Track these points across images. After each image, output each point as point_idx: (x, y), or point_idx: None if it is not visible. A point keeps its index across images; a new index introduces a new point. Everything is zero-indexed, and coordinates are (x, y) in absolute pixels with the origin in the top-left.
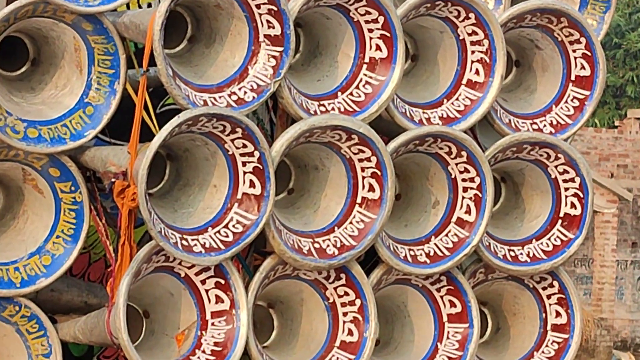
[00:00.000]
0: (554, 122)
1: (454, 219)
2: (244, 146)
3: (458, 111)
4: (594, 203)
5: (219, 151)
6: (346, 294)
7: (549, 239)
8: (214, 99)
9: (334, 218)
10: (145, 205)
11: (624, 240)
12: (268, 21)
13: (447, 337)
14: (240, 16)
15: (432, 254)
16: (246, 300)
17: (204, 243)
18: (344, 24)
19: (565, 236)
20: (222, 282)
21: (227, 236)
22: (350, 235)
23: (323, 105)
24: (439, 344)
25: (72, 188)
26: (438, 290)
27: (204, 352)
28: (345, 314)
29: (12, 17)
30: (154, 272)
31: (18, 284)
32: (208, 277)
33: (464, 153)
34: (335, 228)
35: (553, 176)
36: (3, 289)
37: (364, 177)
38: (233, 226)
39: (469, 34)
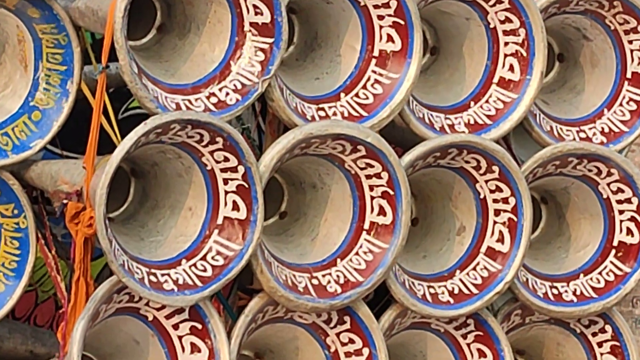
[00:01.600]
0: (606, 130)
1: (483, 249)
2: (226, 160)
3: (488, 116)
4: None
5: (194, 166)
6: (351, 341)
7: (600, 273)
8: (189, 101)
9: (336, 248)
10: (104, 233)
11: None
12: (255, 6)
13: None
14: (221, 0)
15: (456, 291)
16: (229, 349)
17: (177, 279)
18: (349, 10)
19: (620, 270)
20: (199, 327)
21: (205, 270)
22: (356, 269)
23: (323, 109)
24: None
25: (15, 211)
26: (464, 336)
27: None
28: None
29: None
30: (116, 315)
31: None
32: (182, 321)
33: (495, 168)
34: (338, 260)
35: (605, 196)
36: None
37: (372, 198)
38: (212, 258)
39: (502, 22)
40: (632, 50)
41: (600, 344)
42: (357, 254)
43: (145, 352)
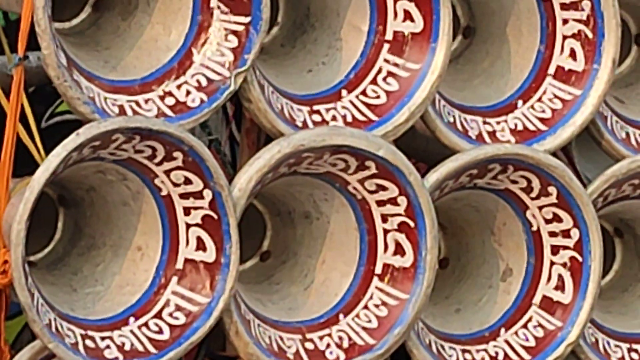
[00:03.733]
0: None
1: (537, 300)
2: (187, 182)
3: (542, 120)
4: None
5: (145, 190)
6: None
7: None
8: (137, 103)
9: (338, 300)
10: (23, 282)
11: None
12: (229, 6)
13: None
14: None
15: (501, 357)
16: None
17: (123, 344)
18: None
19: None
20: None
21: (161, 332)
22: (364, 328)
23: (318, 112)
24: None
25: None
26: None
27: None
28: None
29: None
30: None
31: None
32: None
33: (552, 189)
34: (341, 316)
35: None
36: None
37: (386, 231)
38: (170, 315)
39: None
40: None
41: None
42: (366, 307)
43: None
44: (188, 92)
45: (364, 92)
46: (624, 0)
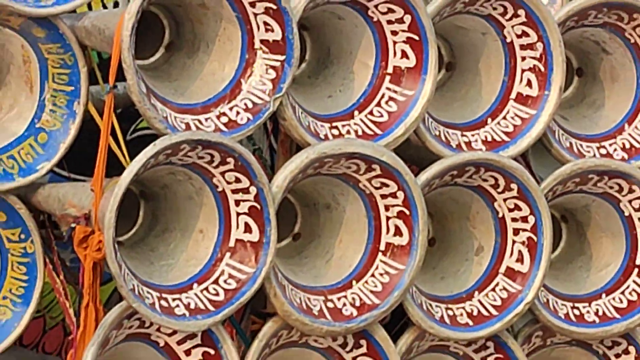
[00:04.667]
0: (627, 146)
1: (502, 269)
2: (238, 180)
3: (506, 133)
4: None
5: (205, 187)
6: None
7: (622, 292)
8: (199, 121)
9: (351, 270)
10: (113, 257)
11: None
12: (266, 23)
13: None
14: (231, 17)
15: (475, 313)
16: None
17: (189, 303)
18: (361, 26)
19: None
20: (212, 352)
21: (218, 294)
22: (372, 292)
23: (336, 127)
24: None
25: (22, 236)
26: (484, 359)
27: None
28: None
29: None
30: (126, 341)
31: None
32: (194, 347)
33: (514, 186)
34: (354, 282)
35: (627, 214)
36: None
37: (388, 218)
38: (225, 282)
39: (518, 36)
40: None
41: None
42: (373, 275)
43: None
44: (238, 113)
45: (371, 112)
46: (567, 42)
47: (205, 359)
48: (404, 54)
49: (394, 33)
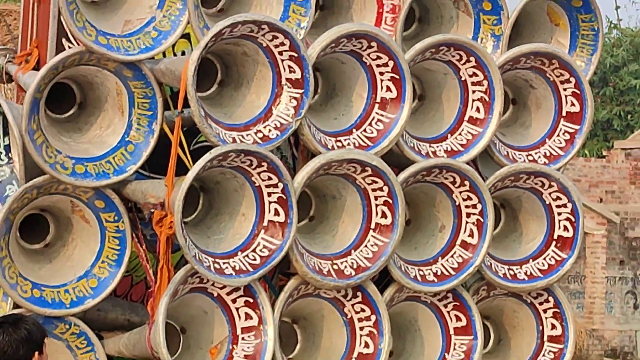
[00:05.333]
0: (548, 154)
1: (458, 242)
2: (269, 178)
3: (461, 145)
4: (585, 225)
5: (246, 183)
6: (362, 310)
7: (544, 259)
8: (242, 136)
9: (350, 242)
10: (181, 233)
11: (613, 258)
12: (289, 66)
13: (454, 349)
14: (265, 62)
15: (439, 273)
16: (273, 316)
17: (234, 266)
18: (358, 68)
19: (559, 256)
20: (251, 300)
21: (255, 259)
22: (365, 258)
23: (340, 141)
24: (446, 354)
25: (116, 218)
26: (445, 306)
27: None
28: (361, 329)
29: (61, 65)
30: (190, 293)
31: (68, 305)
32: (238, 297)
33: (466, 182)
34: (352, 251)
35: (547, 202)
36: (54, 309)
37: (377, 205)
38: (260, 250)
39: (470, 76)
40: (566, 96)
41: (545, 311)
42: (366, 246)
43: (211, 320)
44: (269, 130)
45: (364, 130)
46: (505, 79)
47: (246, 305)
48: (388, 89)
49: (381, 73)
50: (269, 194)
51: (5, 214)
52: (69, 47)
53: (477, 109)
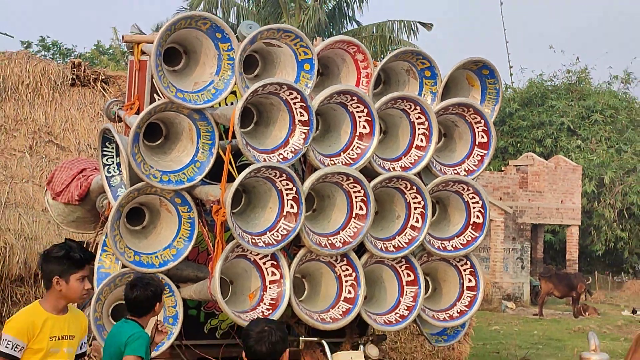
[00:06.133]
0: (466, 169)
1: (409, 226)
2: (287, 184)
3: (410, 163)
4: (490, 215)
5: (272, 187)
6: (347, 269)
7: (464, 237)
8: (269, 157)
9: (339, 226)
10: (230, 219)
11: (507, 236)
12: (300, 112)
13: (406, 294)
14: (284, 109)
15: (396, 246)
16: (289, 273)
17: (265, 241)
18: (344, 113)
19: (474, 235)
20: (275, 263)
21: (278, 237)
22: (349, 236)
23: (332, 160)
24: (401, 298)
25: (188, 209)
26: (400, 267)
27: (264, 304)
28: (346, 282)
29: (153, 111)
30: (235, 258)
31: (157, 266)
32: (267, 261)
33: (414, 187)
34: (340, 232)
35: (466, 200)
36: (149, 268)
37: (356, 202)
38: (281, 231)
39: (417, 118)
40: (478, 131)
41: (464, 270)
42: (349, 228)
43: (249, 276)
44: (287, 153)
45: (348, 154)
46: (439, 120)
47: (272, 266)
48: (364, 126)
49: (359, 117)
50: (287, 194)
51: (117, 207)
52: (158, 99)
53: (421, 140)
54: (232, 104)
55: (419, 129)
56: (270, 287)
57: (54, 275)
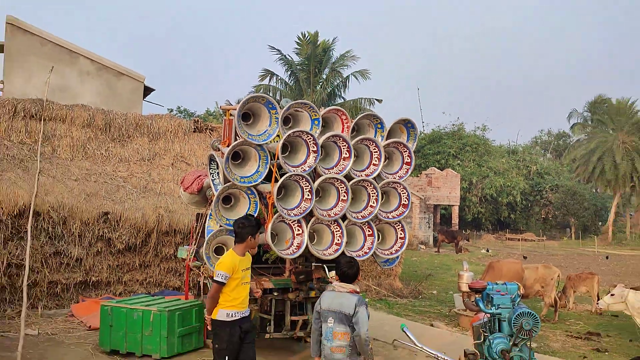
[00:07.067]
0: (400, 176)
1: (369, 205)
2: (306, 184)
3: (370, 172)
4: (411, 199)
5: (297, 185)
6: (337, 228)
7: (398, 211)
8: (296, 169)
9: (331, 206)
10: (276, 201)
11: (421, 211)
12: (313, 146)
13: (367, 241)
14: (304, 144)
15: (363, 216)
16: (307, 230)
17: (294, 213)
18: (334, 147)
19: (403, 210)
20: (299, 224)
21: (300, 211)
22: (338, 210)
23: (329, 171)
24: (365, 243)
25: (254, 196)
26: (364, 227)
27: (294, 246)
28: (335, 235)
29: (235, 146)
30: (278, 222)
31: None
32: (294, 223)
33: (372, 185)
34: (333, 208)
35: (399, 192)
36: (230, 227)
37: (342, 193)
38: (302, 208)
39: (373, 149)
40: (405, 155)
41: (398, 228)
42: (336, 206)
43: (285, 231)
44: (307, 167)
45: (338, 167)
46: (386, 150)
47: (297, 226)
48: (345, 153)
49: (343, 148)
50: (305, 188)
51: (217, 195)
52: (238, 139)
53: (376, 160)
54: (276, 141)
55: (374, 154)
56: (296, 237)
57: (249, 234)
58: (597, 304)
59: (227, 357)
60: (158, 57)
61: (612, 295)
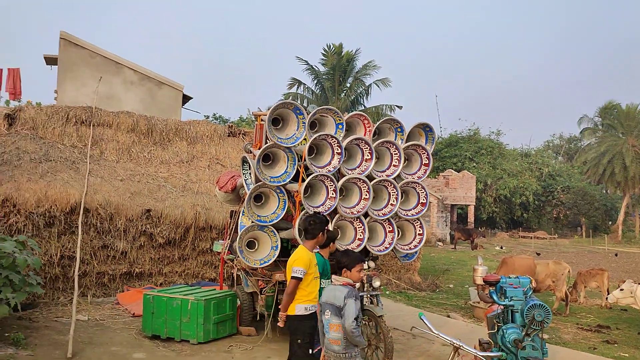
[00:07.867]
0: (418, 176)
1: (389, 204)
2: (330, 183)
3: (390, 173)
4: (429, 199)
5: (323, 184)
6: (359, 224)
7: (416, 209)
8: (322, 170)
9: (354, 203)
10: (302, 200)
11: (439, 210)
12: (337, 148)
13: (387, 237)
14: (329, 147)
15: (384, 213)
16: (331, 226)
17: (320, 210)
18: (357, 149)
19: (421, 209)
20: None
21: (325, 208)
22: (361, 208)
23: (352, 171)
24: (385, 239)
25: (283, 195)
26: (386, 222)
27: None
28: (358, 230)
29: (267, 148)
30: (301, 211)
31: (268, 222)
32: (318, 207)
33: (392, 184)
34: (355, 206)
35: (418, 191)
36: (264, 223)
37: (363, 191)
38: (328, 205)
39: (394, 152)
40: (423, 157)
41: (417, 225)
42: (359, 204)
43: None
44: (331, 168)
45: (360, 168)
46: (406, 152)
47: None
48: (368, 155)
49: (365, 150)
50: (330, 187)
51: (249, 194)
52: (269, 142)
53: (396, 161)
54: (303, 144)
55: (394, 156)
56: None
57: (320, 231)
58: (607, 298)
59: (310, 351)
60: (196, 68)
61: (621, 290)
